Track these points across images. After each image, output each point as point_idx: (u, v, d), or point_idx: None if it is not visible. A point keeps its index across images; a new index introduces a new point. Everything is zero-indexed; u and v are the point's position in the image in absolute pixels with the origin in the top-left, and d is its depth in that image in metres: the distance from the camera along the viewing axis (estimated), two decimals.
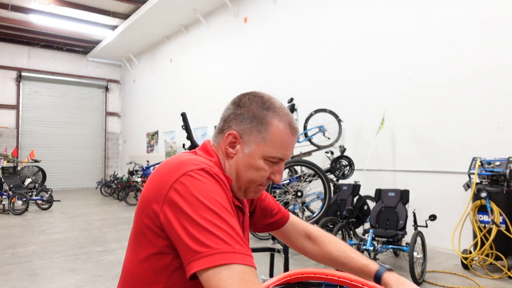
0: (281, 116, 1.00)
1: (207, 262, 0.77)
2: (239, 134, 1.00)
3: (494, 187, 3.96)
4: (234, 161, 1.01)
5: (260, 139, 0.98)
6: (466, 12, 4.80)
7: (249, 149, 0.99)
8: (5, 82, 13.12)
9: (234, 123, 1.01)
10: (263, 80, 7.99)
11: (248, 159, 0.99)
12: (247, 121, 0.99)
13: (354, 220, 4.54)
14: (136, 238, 0.95)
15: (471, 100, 4.70)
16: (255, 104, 1.00)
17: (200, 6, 9.41)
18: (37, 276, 3.89)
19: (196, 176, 0.87)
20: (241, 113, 1.00)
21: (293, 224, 1.30)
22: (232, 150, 1.01)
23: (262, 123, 0.98)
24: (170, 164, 0.93)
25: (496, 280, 3.67)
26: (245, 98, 1.02)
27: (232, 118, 1.01)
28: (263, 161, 1.00)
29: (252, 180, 1.01)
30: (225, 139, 1.01)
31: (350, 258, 1.18)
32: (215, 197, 0.85)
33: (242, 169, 1.00)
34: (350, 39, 6.24)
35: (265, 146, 0.98)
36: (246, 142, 0.99)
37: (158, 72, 12.47)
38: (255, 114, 0.99)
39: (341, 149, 5.58)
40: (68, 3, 10.07)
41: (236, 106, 1.02)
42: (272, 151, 0.99)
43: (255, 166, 1.00)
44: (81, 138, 14.60)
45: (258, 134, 0.98)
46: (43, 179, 10.98)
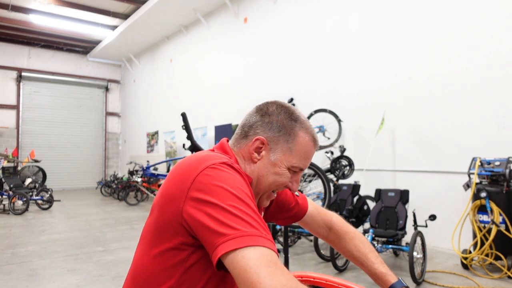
0: (306, 128, 1.05)
1: (235, 244, 0.76)
2: (267, 141, 1.03)
3: (494, 187, 3.96)
4: (257, 166, 1.04)
5: (286, 149, 1.02)
6: (466, 12, 4.80)
7: (275, 157, 1.03)
8: (5, 82, 13.13)
9: (261, 130, 1.03)
10: (263, 80, 7.99)
11: (273, 166, 1.03)
12: (276, 129, 1.02)
13: (354, 220, 4.55)
14: (152, 233, 0.95)
15: (471, 100, 4.71)
16: (284, 114, 1.04)
17: (200, 6, 9.41)
18: (37, 276, 3.89)
19: (219, 167, 0.89)
20: (270, 121, 1.03)
21: (312, 216, 1.32)
22: (257, 155, 1.04)
23: (290, 133, 1.03)
24: (191, 160, 0.94)
25: (496, 280, 3.68)
26: (273, 107, 1.05)
27: (259, 125, 1.04)
28: (286, 170, 1.04)
29: (273, 184, 1.04)
30: (252, 143, 1.03)
31: (370, 262, 1.18)
32: (239, 186, 0.86)
33: (265, 174, 1.03)
34: (350, 39, 6.24)
35: (290, 155, 1.03)
36: (273, 149, 1.03)
37: (158, 72, 12.47)
38: (284, 124, 1.03)
39: (341, 149, 5.59)
40: (68, 3, 10.08)
41: (263, 114, 1.05)
42: (296, 161, 1.03)
43: (279, 174, 1.03)
44: (81, 138, 14.61)
45: (285, 143, 1.02)
46: (43, 179, 10.99)
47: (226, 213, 0.80)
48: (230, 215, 0.80)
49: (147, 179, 9.58)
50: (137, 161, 11.95)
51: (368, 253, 1.20)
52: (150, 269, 0.93)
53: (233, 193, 0.84)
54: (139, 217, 7.67)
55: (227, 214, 0.80)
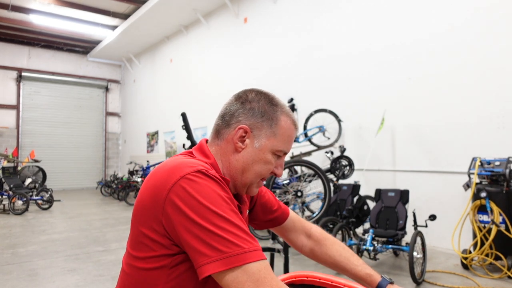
0: (287, 112, 1.05)
1: (220, 266, 0.78)
2: (250, 128, 1.01)
3: (494, 187, 3.96)
4: (241, 156, 1.02)
5: (270, 133, 1.02)
6: (466, 12, 4.80)
7: (260, 143, 1.02)
8: (5, 82, 13.13)
9: (244, 118, 1.02)
10: (263, 80, 7.99)
11: (258, 152, 1.02)
12: (258, 115, 1.01)
13: (354, 220, 4.55)
14: (134, 243, 0.94)
15: (471, 100, 4.71)
16: (264, 100, 1.03)
17: (200, 6, 9.41)
18: (37, 276, 3.89)
19: (194, 178, 0.86)
20: (251, 107, 1.02)
21: (293, 222, 1.30)
22: (241, 144, 1.02)
23: (273, 118, 1.02)
24: (165, 168, 0.92)
25: (496, 280, 3.68)
26: (252, 94, 1.05)
27: (241, 112, 1.02)
28: (271, 155, 1.03)
29: (260, 173, 1.04)
30: (235, 132, 1.02)
31: (353, 265, 1.19)
32: (217, 198, 0.85)
33: (250, 162, 1.02)
34: (349, 39, 6.24)
35: (274, 140, 1.02)
36: (256, 136, 1.02)
37: (158, 72, 12.47)
38: (266, 109, 1.02)
39: (341, 149, 5.59)
40: (68, 3, 10.08)
41: (244, 101, 1.04)
42: (281, 145, 1.03)
43: (264, 160, 1.02)
44: (81, 138, 14.61)
45: (269, 128, 1.02)
46: (43, 179, 10.99)
47: (206, 231, 0.80)
48: (211, 234, 0.80)
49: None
50: (137, 161, 11.95)
51: (350, 257, 1.20)
52: (136, 276, 0.93)
53: (211, 209, 0.82)
54: None
55: (208, 233, 0.80)
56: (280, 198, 4.46)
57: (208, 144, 1.08)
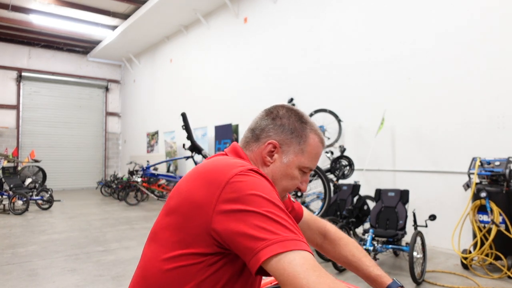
0: (315, 130, 1.10)
1: (278, 248, 0.76)
2: (279, 144, 1.05)
3: (494, 187, 3.96)
4: (270, 169, 1.06)
5: (298, 150, 1.06)
6: (466, 12, 4.80)
7: (288, 159, 1.05)
8: (5, 82, 13.13)
9: (274, 133, 1.06)
10: (263, 80, 7.99)
11: (286, 168, 1.05)
12: (288, 132, 1.05)
13: (354, 220, 4.55)
14: (171, 237, 0.92)
15: (471, 100, 4.71)
16: (294, 117, 1.08)
17: (200, 6, 9.41)
18: (37, 276, 3.89)
19: (248, 174, 0.89)
20: (282, 124, 1.06)
21: (307, 223, 1.33)
22: (269, 158, 1.06)
23: (302, 135, 1.06)
24: (217, 165, 0.93)
25: (496, 280, 3.68)
26: (283, 111, 1.08)
27: (271, 128, 1.06)
28: (297, 171, 1.07)
29: (286, 188, 1.08)
30: (265, 147, 1.05)
31: (365, 266, 1.20)
32: (271, 192, 0.87)
33: (278, 177, 1.06)
34: (350, 39, 6.24)
35: (302, 157, 1.06)
36: (285, 152, 1.05)
37: (158, 72, 12.47)
38: (296, 126, 1.06)
39: (341, 149, 5.59)
40: (68, 3, 10.08)
41: (275, 117, 1.07)
42: (307, 162, 1.07)
43: (291, 175, 1.06)
44: (81, 138, 14.61)
45: (297, 145, 1.06)
46: (44, 179, 10.98)
47: (264, 218, 0.80)
48: (268, 220, 0.80)
49: (147, 179, 9.58)
50: (137, 161, 11.95)
51: (362, 257, 1.22)
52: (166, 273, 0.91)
53: (268, 199, 0.84)
54: (139, 217, 7.68)
55: (266, 219, 0.80)
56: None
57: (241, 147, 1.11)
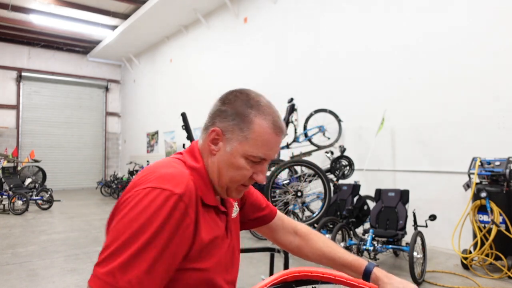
0: (265, 114, 0.97)
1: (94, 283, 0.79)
2: (222, 131, 0.97)
3: (494, 187, 3.96)
4: (216, 159, 0.99)
5: (242, 138, 0.96)
6: (466, 12, 4.80)
7: (231, 148, 0.97)
8: (5, 82, 13.12)
9: (218, 120, 0.99)
10: (263, 79, 7.99)
11: (229, 157, 0.97)
12: (230, 118, 0.97)
13: (354, 220, 4.54)
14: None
15: (471, 100, 4.70)
16: (240, 101, 0.98)
17: (200, 6, 9.41)
18: (37, 276, 3.89)
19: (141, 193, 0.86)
20: (225, 109, 0.98)
21: (282, 219, 1.30)
22: (214, 147, 0.99)
23: (245, 121, 0.96)
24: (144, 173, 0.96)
25: (496, 280, 3.68)
26: (232, 95, 1.00)
27: (216, 114, 1.00)
28: (244, 160, 0.97)
29: (233, 179, 0.99)
30: (208, 135, 1.00)
31: (340, 253, 1.19)
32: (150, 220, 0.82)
33: (223, 167, 0.98)
34: (350, 39, 6.24)
35: (246, 144, 0.96)
36: (228, 139, 0.97)
37: (158, 72, 12.47)
38: (238, 111, 0.96)
39: (341, 149, 5.59)
40: (68, 3, 10.07)
41: (222, 102, 1.00)
42: (254, 150, 0.96)
43: (236, 165, 0.97)
44: (81, 138, 14.60)
45: (240, 132, 0.96)
46: (43, 179, 10.98)
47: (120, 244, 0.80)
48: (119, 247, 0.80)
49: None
50: (137, 161, 11.95)
51: (335, 247, 1.22)
52: None
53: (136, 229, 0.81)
54: None
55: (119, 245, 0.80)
56: (280, 198, 4.46)
57: (199, 145, 1.07)
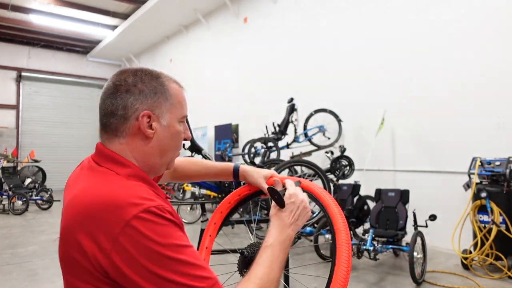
0: (169, 78, 1.03)
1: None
2: (151, 111, 0.95)
3: (494, 187, 3.95)
4: (155, 140, 0.97)
5: (169, 106, 0.99)
6: (466, 13, 4.79)
7: (166, 120, 0.98)
8: (5, 82, 13.12)
9: (139, 103, 0.94)
10: (263, 79, 7.98)
11: (169, 129, 0.99)
12: (151, 95, 0.96)
13: (354, 220, 4.53)
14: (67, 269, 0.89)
15: (471, 100, 4.70)
16: (146, 77, 0.97)
17: (200, 6, 9.41)
18: (37, 276, 3.89)
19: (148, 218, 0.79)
20: (141, 90, 0.95)
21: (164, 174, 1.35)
22: (150, 130, 0.96)
23: (164, 90, 0.98)
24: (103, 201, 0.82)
25: (496, 280, 3.67)
26: (129, 78, 0.96)
27: (132, 101, 0.93)
28: (178, 124, 1.02)
29: (177, 146, 1.04)
30: (140, 122, 0.94)
31: (212, 166, 1.40)
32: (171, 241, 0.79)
33: (166, 142, 0.99)
34: (350, 39, 6.23)
35: (176, 109, 1.00)
36: (160, 115, 0.97)
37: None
38: (154, 86, 0.97)
39: (341, 149, 5.58)
40: (68, 3, 10.07)
41: (128, 88, 0.94)
42: (182, 111, 1.03)
43: (176, 133, 1.01)
44: (81, 138, 14.59)
45: (166, 102, 0.98)
46: (43, 179, 10.97)
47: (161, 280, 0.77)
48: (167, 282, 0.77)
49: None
50: None
51: (206, 163, 1.41)
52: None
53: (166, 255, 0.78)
54: None
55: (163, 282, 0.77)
56: None
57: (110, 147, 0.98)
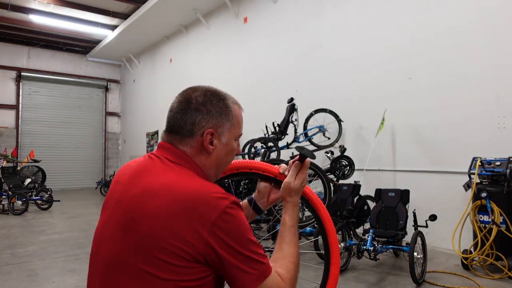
0: (232, 99, 1.18)
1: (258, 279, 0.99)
2: (214, 129, 1.10)
3: (494, 187, 3.95)
4: (215, 155, 1.12)
5: (229, 126, 1.13)
6: (466, 13, 4.79)
7: (226, 139, 1.13)
8: (5, 82, 13.11)
9: (205, 122, 1.09)
10: (263, 79, 7.98)
11: (227, 146, 1.14)
12: (216, 115, 1.11)
13: (354, 220, 4.53)
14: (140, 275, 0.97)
15: (471, 100, 4.70)
16: (214, 99, 1.12)
17: (200, 6, 9.40)
18: (37, 276, 3.88)
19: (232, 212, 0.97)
20: (208, 111, 1.10)
21: None
22: (211, 146, 1.11)
23: (228, 112, 1.13)
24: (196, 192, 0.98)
25: (497, 280, 3.67)
26: (200, 97, 1.11)
27: (201, 119, 1.09)
28: (234, 142, 1.17)
29: (230, 161, 1.22)
30: (204, 138, 1.09)
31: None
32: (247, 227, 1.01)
33: (224, 157, 1.15)
34: (349, 39, 6.23)
35: (234, 129, 1.15)
36: (221, 133, 1.12)
37: (158, 72, 12.46)
38: (220, 107, 1.12)
39: (341, 149, 5.58)
40: (68, 3, 10.07)
41: (197, 107, 1.10)
42: (239, 130, 1.18)
43: (231, 149, 1.16)
44: (81, 138, 14.59)
45: (228, 122, 1.13)
46: (43, 179, 10.95)
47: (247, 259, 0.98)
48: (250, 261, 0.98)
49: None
50: None
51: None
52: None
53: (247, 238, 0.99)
54: None
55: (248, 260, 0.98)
56: None
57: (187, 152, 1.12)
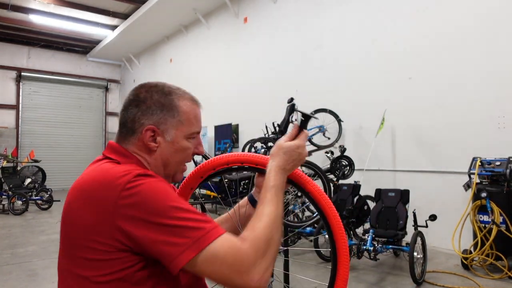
0: (182, 95, 1.07)
1: (192, 252, 0.82)
2: (156, 126, 1.02)
3: (494, 187, 3.95)
4: (159, 153, 1.04)
5: (176, 123, 1.04)
6: (466, 12, 4.79)
7: (171, 136, 1.04)
8: (5, 82, 13.11)
9: (145, 118, 1.02)
10: (263, 79, 7.98)
11: (173, 144, 1.04)
12: (158, 111, 1.02)
13: (354, 220, 4.53)
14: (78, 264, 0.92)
15: (471, 100, 4.70)
16: (156, 94, 1.04)
17: (200, 6, 9.40)
18: (37, 276, 3.88)
19: (136, 184, 0.87)
20: (148, 106, 1.02)
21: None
22: (154, 143, 1.03)
23: (172, 108, 1.04)
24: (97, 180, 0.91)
25: (497, 280, 3.67)
26: (143, 93, 1.04)
27: (140, 115, 1.02)
28: (186, 141, 1.06)
29: (181, 161, 1.08)
30: (143, 135, 1.02)
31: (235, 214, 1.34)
32: (164, 192, 0.88)
33: (170, 156, 1.05)
34: (350, 39, 6.23)
35: (183, 127, 1.05)
36: (165, 130, 1.03)
37: (158, 72, 12.46)
38: (161, 102, 1.03)
39: (341, 149, 5.58)
40: (68, 3, 10.07)
41: (138, 103, 1.03)
42: (191, 128, 1.07)
43: (181, 148, 1.06)
44: (81, 138, 14.58)
45: (173, 119, 1.03)
46: (43, 179, 10.95)
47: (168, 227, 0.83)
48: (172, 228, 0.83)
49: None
50: None
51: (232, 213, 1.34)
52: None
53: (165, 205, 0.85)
54: None
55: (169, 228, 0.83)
56: None
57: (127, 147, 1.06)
